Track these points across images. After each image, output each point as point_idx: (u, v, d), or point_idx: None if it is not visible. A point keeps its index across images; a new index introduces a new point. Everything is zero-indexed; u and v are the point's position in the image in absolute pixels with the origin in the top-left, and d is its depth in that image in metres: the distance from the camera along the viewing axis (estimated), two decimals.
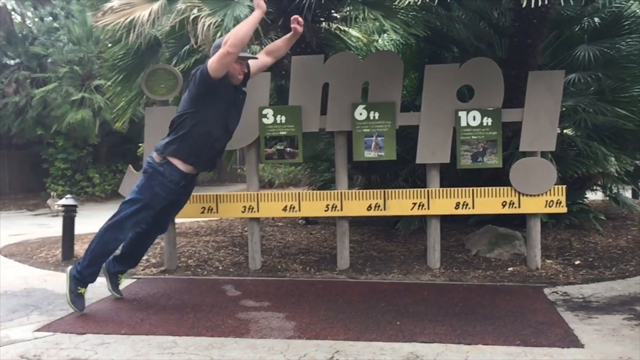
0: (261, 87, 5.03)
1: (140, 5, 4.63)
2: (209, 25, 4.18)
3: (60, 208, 6.28)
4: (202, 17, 4.24)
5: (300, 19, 4.10)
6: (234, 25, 4.16)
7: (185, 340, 3.39)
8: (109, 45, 5.47)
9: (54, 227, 8.44)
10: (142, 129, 5.23)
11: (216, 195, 5.12)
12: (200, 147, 3.91)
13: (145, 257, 5.73)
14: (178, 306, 4.08)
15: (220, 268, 5.29)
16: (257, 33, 4.53)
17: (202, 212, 5.10)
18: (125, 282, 4.82)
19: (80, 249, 6.30)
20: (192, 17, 4.40)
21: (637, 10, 6.88)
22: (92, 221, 8.61)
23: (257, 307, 4.01)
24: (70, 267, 3.99)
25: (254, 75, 4.24)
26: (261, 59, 4.20)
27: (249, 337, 3.42)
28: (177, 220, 6.06)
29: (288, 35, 4.23)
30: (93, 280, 4.01)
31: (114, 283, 4.27)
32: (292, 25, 4.13)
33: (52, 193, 12.33)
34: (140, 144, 8.34)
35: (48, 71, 13.14)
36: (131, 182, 5.16)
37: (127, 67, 5.47)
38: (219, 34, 4.21)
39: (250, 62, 4.04)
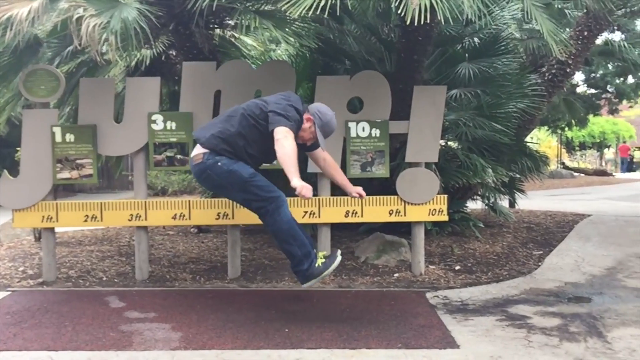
0: (151, 92, 4.91)
1: (19, 2, 4.34)
2: (94, 26, 4.00)
3: None
4: (86, 18, 4.05)
5: (362, 194, 4.12)
6: (121, 28, 4.03)
7: (62, 355, 3.23)
8: None
9: None
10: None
11: (101, 202, 4.91)
12: (238, 151, 3.75)
13: (21, 269, 5.40)
14: (55, 319, 3.86)
15: (105, 279, 5.07)
16: (147, 37, 4.40)
17: (85, 221, 4.87)
18: None
19: None
20: (76, 16, 4.19)
21: (514, 33, 7.43)
22: None
23: (142, 319, 3.89)
24: (304, 284, 3.72)
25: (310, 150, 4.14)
26: (319, 152, 4.12)
27: (132, 349, 3.31)
28: (59, 229, 5.76)
29: (346, 185, 4.18)
30: (311, 250, 3.72)
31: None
32: (353, 193, 4.14)
33: None
34: (18, 148, 7.82)
35: None
36: (7, 189, 4.84)
37: (3, 66, 5.12)
38: (104, 35, 4.04)
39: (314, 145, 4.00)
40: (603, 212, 9.02)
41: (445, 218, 5.11)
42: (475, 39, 6.61)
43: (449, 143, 6.94)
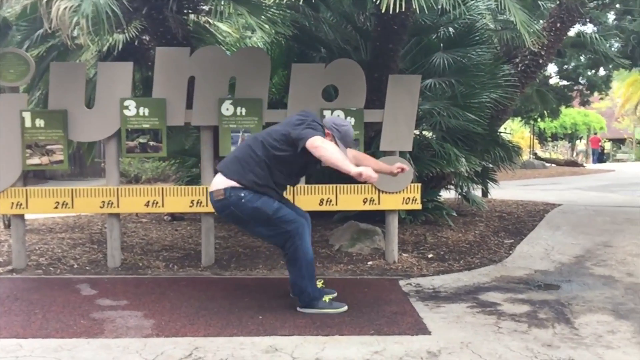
0: (123, 77, 4.83)
1: None
2: (65, 9, 3.91)
3: None
4: (57, 0, 3.96)
5: (405, 167, 4.15)
6: (92, 11, 3.95)
7: (32, 343, 3.18)
8: None
9: None
10: None
11: (72, 189, 4.84)
12: (263, 179, 3.73)
13: None
14: (25, 307, 3.81)
15: (76, 266, 5.01)
16: (119, 21, 4.32)
17: (56, 208, 4.80)
18: None
19: None
20: None
21: (488, 23, 7.49)
22: None
23: (113, 306, 3.85)
24: (302, 309, 3.78)
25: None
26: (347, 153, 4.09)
27: (103, 337, 3.28)
28: (29, 216, 5.67)
29: (384, 165, 4.21)
30: (319, 292, 3.88)
31: None
32: (395, 171, 4.13)
33: None
34: None
35: None
36: None
37: None
38: (75, 19, 3.96)
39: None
40: (573, 201, 9.19)
41: (418, 207, 5.15)
42: (450, 29, 6.64)
43: (423, 132, 6.99)
